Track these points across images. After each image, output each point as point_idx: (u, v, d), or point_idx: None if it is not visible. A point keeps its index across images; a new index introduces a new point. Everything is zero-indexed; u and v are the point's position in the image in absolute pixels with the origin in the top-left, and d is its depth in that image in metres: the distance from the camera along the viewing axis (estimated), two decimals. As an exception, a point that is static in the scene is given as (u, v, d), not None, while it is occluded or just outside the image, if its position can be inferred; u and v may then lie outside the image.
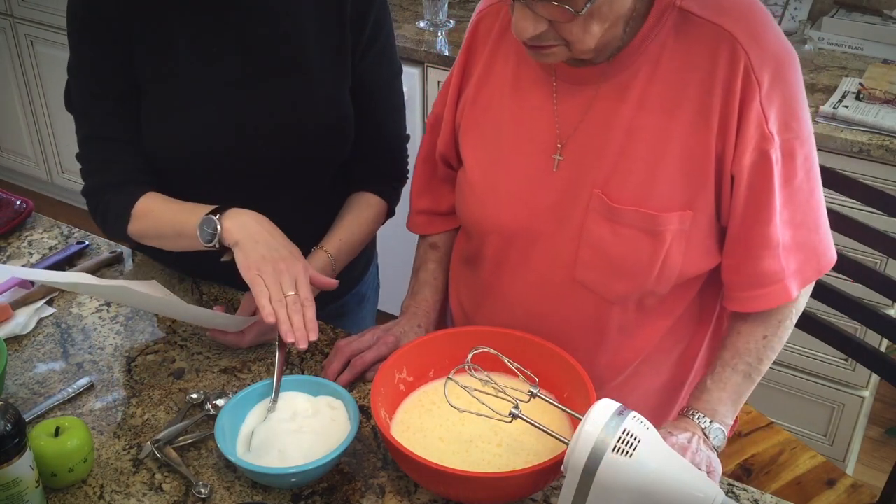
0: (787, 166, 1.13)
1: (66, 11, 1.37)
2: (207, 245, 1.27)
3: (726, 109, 1.10)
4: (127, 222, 1.38)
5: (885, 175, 1.99)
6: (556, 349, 1.18)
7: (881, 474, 2.36)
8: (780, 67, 1.10)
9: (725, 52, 1.09)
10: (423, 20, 2.60)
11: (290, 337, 1.18)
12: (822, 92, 2.20)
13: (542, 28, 1.05)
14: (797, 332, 1.70)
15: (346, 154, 1.48)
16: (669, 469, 0.92)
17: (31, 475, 1.02)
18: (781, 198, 1.14)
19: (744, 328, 1.22)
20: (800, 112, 1.14)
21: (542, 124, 1.20)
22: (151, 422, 1.22)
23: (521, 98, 1.22)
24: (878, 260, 2.04)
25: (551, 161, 1.19)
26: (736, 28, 1.09)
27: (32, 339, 1.37)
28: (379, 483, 1.13)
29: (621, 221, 1.15)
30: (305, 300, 1.22)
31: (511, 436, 1.12)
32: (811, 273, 1.21)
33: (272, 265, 1.22)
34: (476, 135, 1.27)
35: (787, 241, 1.17)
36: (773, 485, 1.63)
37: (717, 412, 1.17)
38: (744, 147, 1.11)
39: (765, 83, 1.09)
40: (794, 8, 2.54)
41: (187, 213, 1.31)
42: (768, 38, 1.10)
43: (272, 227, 1.27)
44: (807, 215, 1.18)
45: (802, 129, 1.14)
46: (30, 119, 3.47)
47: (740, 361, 1.20)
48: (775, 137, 1.11)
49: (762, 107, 1.09)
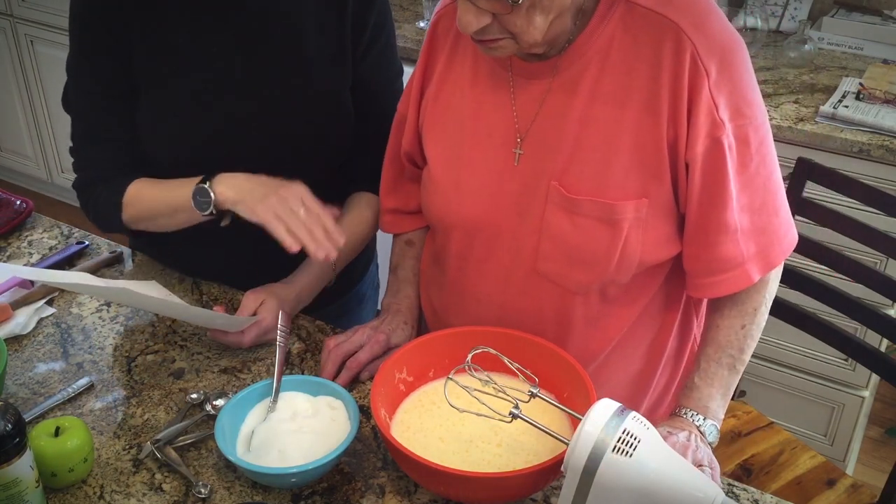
0: (741, 152, 1.14)
1: (66, 11, 1.37)
2: (204, 214, 1.29)
3: (675, 98, 1.11)
4: (120, 211, 1.40)
5: (885, 175, 1.99)
6: (556, 349, 1.18)
7: (881, 474, 2.36)
8: (727, 54, 1.11)
9: (671, 41, 1.10)
10: (423, 20, 2.60)
11: (321, 253, 1.23)
12: (822, 92, 2.20)
13: (485, 21, 1.06)
14: (797, 332, 1.70)
15: (345, 154, 1.48)
16: (669, 469, 0.92)
17: (31, 475, 1.02)
18: (737, 183, 1.15)
19: (721, 322, 1.23)
20: (751, 97, 1.14)
21: (501, 119, 1.21)
22: (151, 422, 1.22)
23: (479, 94, 1.23)
24: (878, 260, 2.04)
25: (512, 155, 1.21)
26: (680, 18, 1.10)
27: (32, 339, 1.37)
28: (379, 483, 1.13)
29: (579, 212, 1.16)
30: (318, 212, 1.26)
31: (511, 436, 1.12)
32: (775, 256, 1.22)
33: (275, 196, 1.25)
34: (438, 132, 1.28)
35: (746, 225, 1.17)
36: (773, 485, 1.63)
37: (708, 409, 1.18)
38: (696, 135, 1.12)
39: (713, 71, 1.10)
40: (794, 8, 2.54)
41: (177, 189, 1.33)
42: (713, 26, 1.11)
43: (262, 177, 1.30)
44: (765, 200, 1.18)
45: (756, 114, 1.15)
46: (30, 119, 3.47)
47: (723, 355, 1.21)
48: (726, 124, 1.12)
49: (711, 94, 1.10)
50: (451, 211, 1.27)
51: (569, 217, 1.17)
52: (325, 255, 1.24)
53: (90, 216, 1.46)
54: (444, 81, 1.27)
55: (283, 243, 1.23)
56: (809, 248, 1.66)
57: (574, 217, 1.17)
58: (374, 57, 1.44)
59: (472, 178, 1.24)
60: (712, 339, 1.23)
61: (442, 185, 1.28)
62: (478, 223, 1.25)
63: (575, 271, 1.20)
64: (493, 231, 1.24)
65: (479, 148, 1.23)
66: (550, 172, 1.18)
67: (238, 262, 1.35)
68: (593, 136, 1.15)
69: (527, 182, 1.20)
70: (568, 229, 1.17)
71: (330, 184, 1.50)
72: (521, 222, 1.21)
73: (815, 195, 1.75)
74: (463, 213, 1.26)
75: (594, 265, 1.19)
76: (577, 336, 1.27)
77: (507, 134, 1.21)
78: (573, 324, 1.26)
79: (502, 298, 1.27)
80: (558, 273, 1.21)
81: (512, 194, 1.21)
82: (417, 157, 1.37)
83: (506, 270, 1.25)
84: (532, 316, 1.26)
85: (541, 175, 1.19)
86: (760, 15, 2.42)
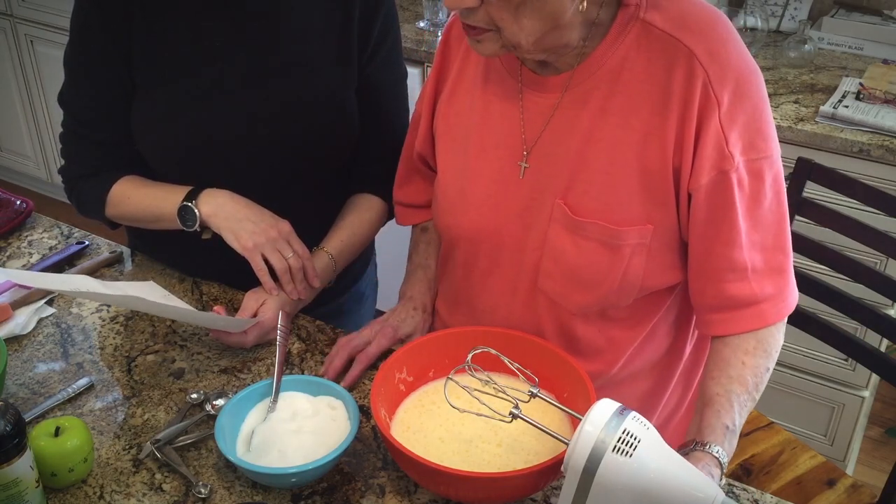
0: (754, 188, 1.11)
1: (66, 11, 1.37)
2: (188, 229, 1.34)
3: (683, 126, 1.09)
4: (103, 206, 1.43)
5: (885, 175, 1.99)
6: (557, 349, 1.18)
7: (881, 474, 2.36)
8: (742, 85, 1.08)
9: (683, 67, 1.08)
10: (423, 20, 2.60)
11: (295, 295, 1.35)
12: (822, 92, 2.20)
13: (471, 2, 1.03)
14: (797, 332, 1.70)
15: (348, 155, 1.48)
16: (669, 469, 0.92)
17: (31, 475, 1.02)
18: (749, 220, 1.12)
19: (748, 360, 1.15)
20: (766, 131, 1.11)
21: (509, 131, 1.20)
22: (151, 422, 1.21)
23: (488, 103, 1.22)
24: (878, 260, 2.04)
25: (518, 168, 1.20)
26: (696, 44, 1.07)
27: (32, 339, 1.37)
28: (379, 483, 1.13)
29: (582, 234, 1.15)
30: (304, 256, 1.34)
31: (511, 436, 1.12)
32: (791, 300, 1.18)
33: (264, 236, 1.31)
34: (448, 140, 1.28)
35: (759, 264, 1.14)
36: (773, 485, 1.63)
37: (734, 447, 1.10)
38: (701, 165, 1.09)
39: (725, 101, 1.07)
40: (794, 8, 2.54)
41: (162, 199, 1.37)
42: (729, 55, 1.09)
43: (246, 201, 1.34)
44: (778, 238, 1.15)
45: (770, 148, 1.12)
46: (30, 119, 3.47)
47: (749, 398, 1.13)
48: (736, 158, 1.09)
49: (721, 126, 1.07)
50: (456, 221, 1.27)
51: (571, 237, 1.16)
52: (297, 296, 1.35)
53: (73, 204, 1.50)
54: (456, 89, 1.27)
55: (264, 286, 1.33)
56: (809, 248, 1.66)
57: (577, 238, 1.15)
58: (380, 59, 1.44)
59: (477, 187, 1.23)
60: (740, 377, 1.13)
61: (449, 195, 1.27)
62: (481, 233, 1.24)
63: (574, 292, 1.19)
64: (497, 242, 1.23)
65: (486, 158, 1.22)
66: (555, 189, 1.16)
67: (238, 261, 1.34)
68: (598, 156, 1.13)
69: (533, 196, 1.19)
70: (570, 249, 1.16)
71: (331, 185, 1.51)
72: (526, 236, 1.20)
73: (815, 195, 1.75)
74: (467, 222, 1.25)
75: (594, 288, 1.17)
76: (581, 356, 1.24)
77: (513, 146, 1.20)
78: (576, 343, 1.24)
79: (507, 312, 1.26)
80: (558, 293, 1.20)
81: (517, 207, 1.20)
82: (430, 158, 1.36)
83: (510, 284, 1.25)
84: (534, 332, 1.24)
85: (545, 191, 1.17)
86: (760, 15, 2.42)
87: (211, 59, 1.36)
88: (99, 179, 1.43)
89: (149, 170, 1.43)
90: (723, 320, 1.17)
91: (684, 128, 1.09)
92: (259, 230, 1.31)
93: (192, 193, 1.34)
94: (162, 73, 1.36)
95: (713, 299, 1.16)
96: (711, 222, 1.12)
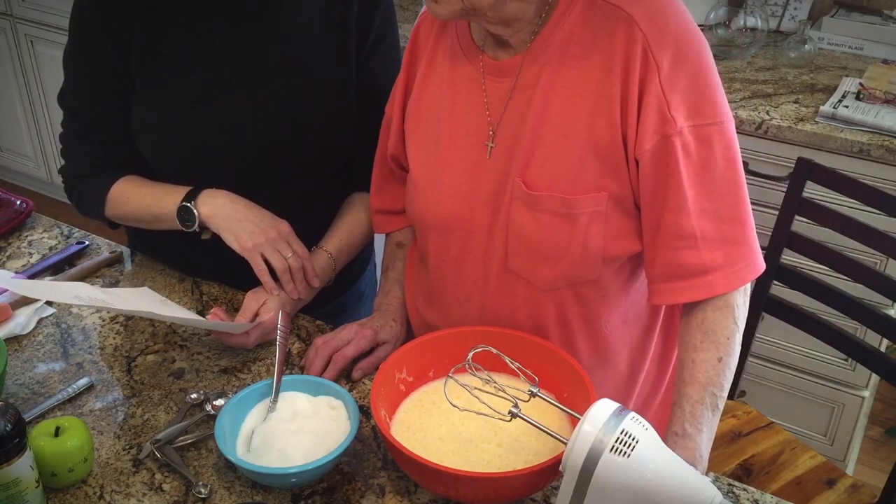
0: (703, 154, 1.11)
1: (66, 11, 1.37)
2: (188, 230, 1.35)
3: (626, 91, 1.09)
4: (103, 205, 1.44)
5: (885, 175, 1.99)
6: (557, 349, 1.18)
7: (881, 474, 2.36)
8: (682, 49, 1.09)
9: (623, 33, 1.09)
10: (423, 20, 2.60)
11: (295, 294, 1.35)
12: (822, 92, 2.20)
13: None
14: (797, 332, 1.70)
15: (347, 154, 1.48)
16: (667, 469, 0.92)
17: (31, 475, 1.02)
18: (697, 187, 1.11)
19: (697, 356, 1.13)
20: (712, 96, 1.11)
21: (475, 118, 1.21)
22: (151, 422, 1.22)
23: (455, 94, 1.23)
24: (878, 260, 2.04)
25: (485, 148, 1.21)
26: (635, 9, 1.09)
27: (32, 339, 1.37)
28: (379, 483, 1.13)
29: (539, 208, 1.16)
30: (303, 256, 1.35)
31: (511, 436, 1.12)
32: (746, 272, 1.14)
33: (264, 236, 1.32)
34: (419, 133, 1.29)
35: (710, 233, 1.12)
36: (773, 485, 1.63)
37: (703, 458, 1.10)
38: (645, 131, 1.09)
39: (664, 65, 1.08)
40: (794, 8, 2.54)
41: (161, 199, 1.38)
42: (668, 18, 1.09)
43: (245, 201, 1.35)
44: (736, 210, 1.13)
45: (719, 114, 1.11)
46: (30, 119, 3.47)
47: (706, 394, 1.11)
48: (680, 122, 1.09)
49: (662, 89, 1.08)
50: (428, 211, 1.28)
51: (531, 213, 1.17)
52: (297, 296, 1.36)
53: (73, 204, 1.50)
54: (425, 84, 1.28)
55: (263, 285, 1.34)
56: (809, 248, 1.66)
57: (535, 213, 1.17)
58: (377, 59, 1.44)
59: (449, 177, 1.24)
60: (691, 377, 1.12)
61: (421, 186, 1.28)
62: (453, 222, 1.25)
63: (540, 267, 1.20)
64: (468, 230, 1.24)
65: (456, 147, 1.23)
66: (516, 169, 1.18)
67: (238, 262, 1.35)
68: (550, 130, 1.15)
69: (500, 180, 1.20)
70: (530, 225, 1.17)
71: (330, 184, 1.51)
72: (493, 220, 1.22)
73: (815, 195, 1.75)
74: (439, 212, 1.26)
75: (557, 260, 1.18)
76: (553, 338, 1.25)
77: (480, 130, 1.21)
78: (548, 325, 1.25)
79: (481, 299, 1.27)
80: (526, 269, 1.21)
81: (486, 192, 1.21)
82: (402, 159, 1.37)
83: (482, 269, 1.26)
84: (508, 316, 1.25)
85: (509, 171, 1.19)
86: (760, 15, 2.42)
87: (210, 59, 1.36)
88: (99, 179, 1.44)
89: (149, 170, 1.44)
90: (671, 289, 1.16)
91: (628, 93, 1.10)
92: (258, 230, 1.31)
93: (191, 194, 1.34)
94: (162, 73, 1.37)
95: (663, 268, 1.16)
96: (658, 188, 1.12)
